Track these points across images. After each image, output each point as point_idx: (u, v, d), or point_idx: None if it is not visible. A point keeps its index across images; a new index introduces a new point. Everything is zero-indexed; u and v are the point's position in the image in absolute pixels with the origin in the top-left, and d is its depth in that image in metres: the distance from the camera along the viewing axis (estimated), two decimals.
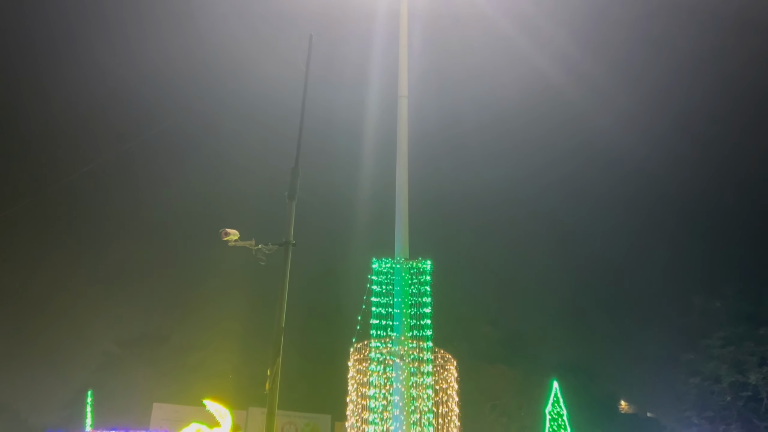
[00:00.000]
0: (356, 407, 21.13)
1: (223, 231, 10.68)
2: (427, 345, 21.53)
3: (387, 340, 21.71)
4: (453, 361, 22.24)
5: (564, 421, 15.29)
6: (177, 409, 32.70)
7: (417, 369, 21.40)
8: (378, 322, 21.65)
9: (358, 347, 21.78)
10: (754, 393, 35.99)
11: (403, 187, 24.03)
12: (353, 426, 20.95)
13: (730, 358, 36.97)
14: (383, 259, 22.77)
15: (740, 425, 36.24)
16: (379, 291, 22.22)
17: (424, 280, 22.31)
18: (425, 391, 21.10)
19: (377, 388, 21.07)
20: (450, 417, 21.23)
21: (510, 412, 39.93)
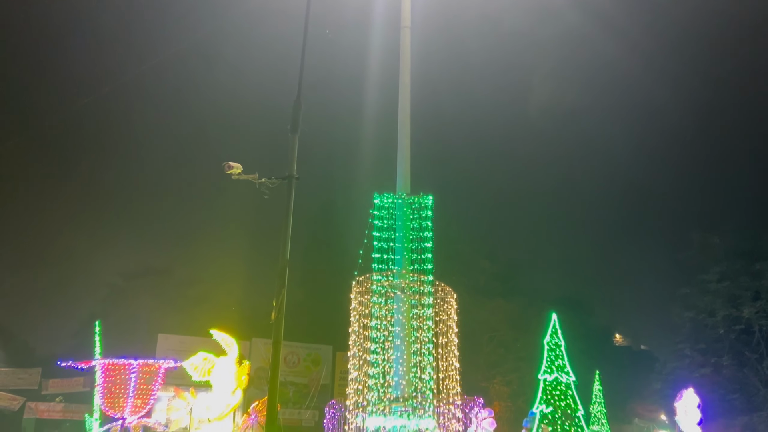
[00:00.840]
0: (358, 338, 21.60)
1: (227, 164, 10.63)
2: (428, 278, 21.82)
3: (388, 274, 21.98)
4: (453, 294, 22.59)
5: (562, 351, 15.67)
6: (182, 339, 33.41)
7: (418, 301, 21.76)
8: (380, 256, 21.86)
9: (360, 280, 22.08)
10: (747, 326, 36.72)
11: (405, 122, 23.82)
12: (355, 356, 21.46)
13: (725, 293, 37.55)
14: (385, 194, 22.80)
15: (731, 357, 37.13)
16: (381, 226, 22.34)
17: (426, 215, 22.39)
18: (425, 322, 21.51)
19: (379, 319, 21.47)
20: (449, 347, 21.73)
21: (507, 344, 40.89)
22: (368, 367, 21.04)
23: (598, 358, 35.25)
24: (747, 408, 35.82)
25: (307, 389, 36.35)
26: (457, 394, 21.29)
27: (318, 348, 38.40)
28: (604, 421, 20.99)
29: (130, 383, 14.30)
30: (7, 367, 34.98)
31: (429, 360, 21.08)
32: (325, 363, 38.00)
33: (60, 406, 32.60)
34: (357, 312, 21.92)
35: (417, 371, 20.99)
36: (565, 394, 15.25)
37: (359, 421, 20.37)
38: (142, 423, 15.71)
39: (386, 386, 20.76)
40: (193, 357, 13.23)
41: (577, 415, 15.22)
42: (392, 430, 19.98)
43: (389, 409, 20.07)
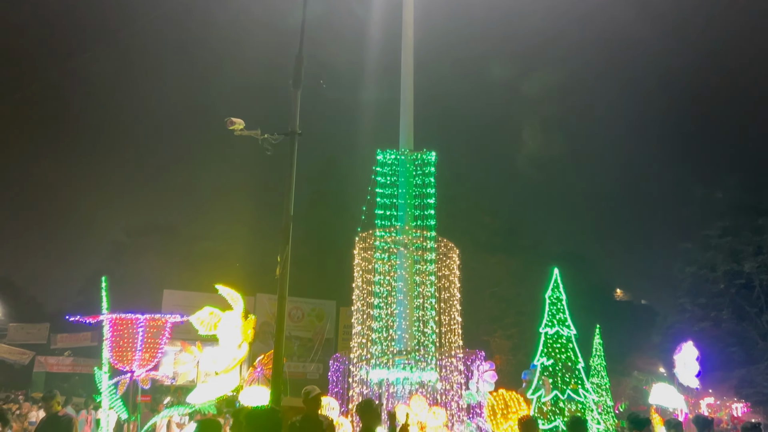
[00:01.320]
0: (361, 293, 21.84)
1: (229, 120, 10.57)
2: (431, 234, 21.93)
3: (391, 230, 22.09)
4: (455, 250, 22.71)
5: (563, 305, 15.82)
6: (187, 295, 33.80)
7: (420, 257, 21.91)
8: (382, 213, 21.92)
9: (363, 236, 22.20)
10: (747, 281, 37.00)
11: (408, 77, 23.56)
12: (358, 310, 21.74)
13: (726, 248, 37.73)
14: (388, 151, 22.73)
15: (731, 311, 37.53)
16: (384, 182, 22.33)
17: (428, 171, 22.36)
18: (428, 278, 21.71)
19: (382, 275, 21.67)
20: (451, 302, 21.97)
21: (508, 299, 41.34)
22: (371, 322, 21.34)
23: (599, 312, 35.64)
24: (745, 360, 36.40)
25: (312, 343, 36.94)
26: (459, 347, 21.62)
27: (322, 303, 38.86)
28: (604, 373, 21.34)
29: (138, 337, 14.51)
30: (17, 322, 35.51)
31: (431, 314, 21.35)
32: (329, 318, 38.50)
33: (69, 360, 33.20)
34: (360, 268, 22.10)
35: (420, 325, 21.29)
36: (565, 347, 15.48)
37: (363, 373, 20.78)
38: (150, 376, 15.99)
39: (389, 340, 21.10)
40: (199, 312, 13.38)
41: (577, 368, 15.47)
42: (395, 382, 20.38)
43: (392, 362, 20.43)
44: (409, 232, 22.01)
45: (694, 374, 19.43)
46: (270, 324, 32.51)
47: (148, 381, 16.15)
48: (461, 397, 20.73)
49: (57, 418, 10.09)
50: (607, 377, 21.70)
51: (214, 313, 13.24)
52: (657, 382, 21.03)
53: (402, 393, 19.75)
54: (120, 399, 14.87)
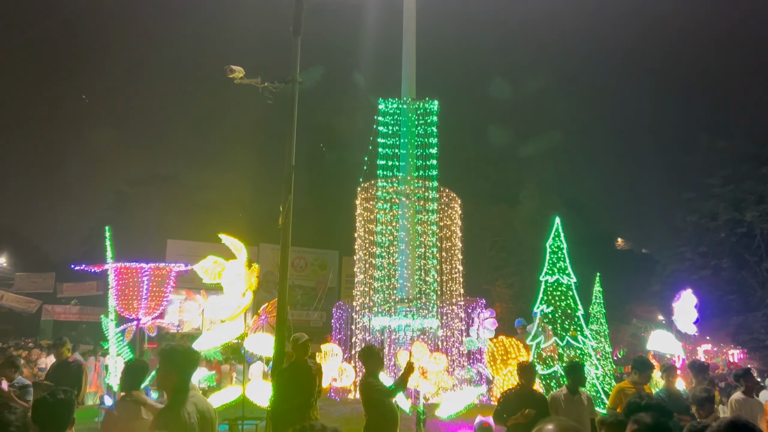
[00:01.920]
0: (364, 243, 22.04)
1: (229, 68, 10.46)
2: (433, 184, 21.97)
3: (393, 180, 22.13)
4: (457, 200, 22.81)
5: (563, 254, 15.94)
6: (190, 245, 34.12)
7: (422, 207, 22.03)
8: (385, 163, 21.93)
9: (365, 187, 22.25)
10: (749, 230, 37.11)
11: (411, 23, 23.18)
12: (361, 259, 21.99)
13: (729, 197, 37.70)
14: (390, 100, 22.55)
15: (731, 260, 37.78)
16: (386, 132, 22.26)
17: (431, 120, 22.25)
18: (430, 227, 21.87)
19: (384, 225, 21.83)
20: (453, 251, 22.19)
21: (510, 248, 41.62)
22: (374, 271, 21.61)
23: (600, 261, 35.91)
24: (743, 308, 36.87)
25: (315, 292, 37.46)
26: (460, 295, 21.95)
27: (324, 253, 39.21)
28: (603, 321, 21.64)
29: (143, 286, 14.73)
30: (22, 272, 35.93)
31: (433, 263, 21.60)
32: (332, 267, 38.92)
33: (75, 309, 33.73)
34: (362, 218, 22.24)
35: (421, 274, 21.57)
36: (565, 294, 15.66)
37: (365, 321, 21.16)
38: (156, 324, 16.27)
39: (391, 288, 21.41)
40: (204, 261, 13.50)
41: (576, 315, 15.70)
42: (397, 329, 20.78)
43: (394, 309, 20.79)
44: (411, 182, 22.05)
45: (692, 321, 19.74)
46: (273, 273, 32.88)
47: (154, 329, 16.43)
48: (462, 344, 21.17)
49: (67, 364, 10.35)
50: (606, 324, 22.02)
51: (218, 262, 13.36)
52: (655, 329, 21.35)
53: (404, 339, 20.16)
54: (127, 346, 15.19)
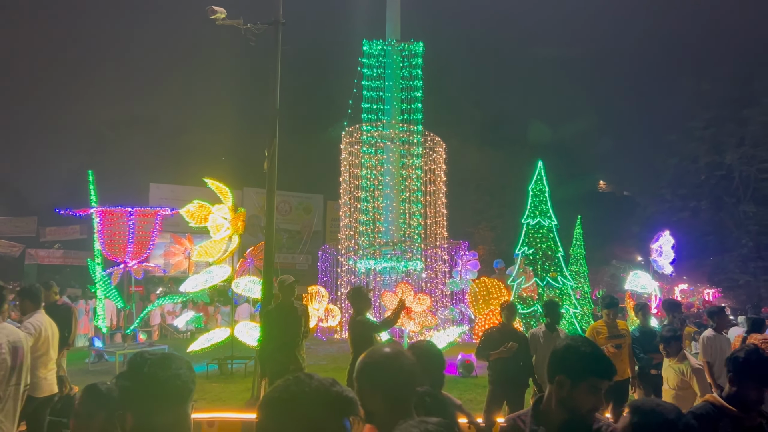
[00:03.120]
0: (348, 187, 22.14)
1: (210, 8, 10.29)
2: (417, 128, 21.94)
3: (378, 124, 22.06)
4: (442, 144, 22.83)
5: (545, 197, 16.15)
6: (173, 188, 33.96)
7: (407, 151, 22.06)
8: (369, 106, 21.81)
9: (350, 131, 22.17)
10: (728, 172, 37.65)
11: None
12: (346, 204, 22.13)
13: (710, 139, 38.07)
14: (374, 41, 22.23)
15: (710, 202, 38.46)
16: (370, 74, 22.04)
17: (416, 63, 22.03)
18: (414, 172, 21.97)
19: (368, 169, 21.89)
20: (437, 195, 22.38)
21: (493, 191, 41.92)
22: (359, 215, 21.80)
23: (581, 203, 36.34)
24: (719, 248, 37.77)
25: (300, 235, 37.69)
26: (443, 238, 22.28)
27: (309, 197, 39.25)
28: (582, 262, 22.08)
29: (129, 230, 14.79)
30: (3, 216, 35.63)
31: (417, 207, 21.81)
32: (317, 211, 39.04)
33: (59, 253, 33.69)
34: (347, 162, 22.26)
35: (406, 218, 21.80)
36: (546, 237, 15.96)
37: (351, 263, 21.47)
38: (142, 267, 16.41)
39: (376, 232, 21.65)
40: (189, 205, 13.56)
41: (557, 257, 16.04)
42: (382, 271, 21.14)
43: (379, 252, 21.08)
44: (396, 126, 22.00)
45: (669, 262, 20.27)
46: (258, 217, 33.00)
47: (140, 272, 16.60)
48: (445, 285, 21.62)
49: (56, 307, 10.46)
50: (585, 266, 22.48)
51: (203, 205, 13.44)
52: (634, 269, 21.90)
53: (389, 281, 20.54)
54: (115, 289, 15.35)
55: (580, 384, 2.57)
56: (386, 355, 2.43)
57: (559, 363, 2.68)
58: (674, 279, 34.34)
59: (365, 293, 7.64)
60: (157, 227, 15.35)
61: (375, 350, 2.49)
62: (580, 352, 2.62)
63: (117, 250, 14.93)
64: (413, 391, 2.42)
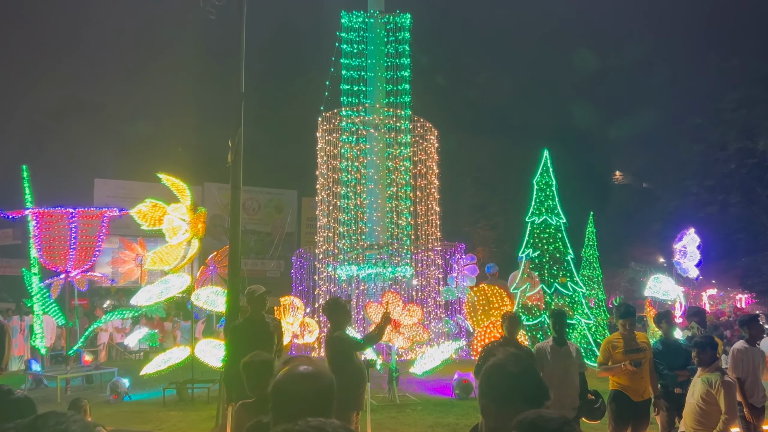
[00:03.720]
0: (326, 182, 22.14)
1: None
2: (405, 113, 21.98)
3: (359, 108, 22.06)
4: (433, 131, 22.90)
5: (552, 191, 16.25)
6: (122, 185, 33.78)
7: (393, 140, 22.09)
8: (349, 88, 21.80)
9: (327, 116, 22.16)
10: (761, 160, 37.84)
11: None
12: (324, 201, 22.12)
13: (740, 123, 38.29)
14: (354, 13, 22.23)
15: (741, 194, 38.68)
16: (350, 51, 22.03)
17: (403, 37, 22.05)
18: (402, 163, 22.01)
19: (349, 160, 21.89)
20: (429, 190, 22.44)
21: (493, 185, 42.09)
22: (339, 213, 21.80)
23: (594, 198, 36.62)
24: (751, 248, 38.05)
25: (271, 238, 37.61)
26: (436, 240, 22.34)
27: (281, 193, 39.19)
28: (596, 265, 22.30)
29: (71, 234, 14.68)
30: None
31: (406, 204, 21.85)
32: (290, 209, 38.97)
33: None
34: (324, 153, 22.25)
35: (393, 216, 21.83)
36: (554, 237, 16.07)
37: (330, 270, 21.46)
38: (87, 277, 16.28)
39: (359, 233, 21.66)
40: (141, 204, 13.51)
41: (566, 259, 16.16)
42: (366, 278, 21.15)
43: (362, 257, 21.09)
44: (380, 111, 22.02)
45: (694, 264, 20.47)
46: (221, 217, 32.90)
47: (84, 283, 16.47)
48: (439, 294, 21.67)
49: None
50: (599, 269, 22.70)
51: (157, 205, 13.39)
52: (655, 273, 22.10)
53: (374, 290, 20.55)
54: (55, 303, 15.24)
55: (506, 412, 2.41)
56: (303, 375, 2.49)
57: (482, 387, 2.60)
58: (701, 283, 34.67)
59: (343, 305, 7.64)
60: (103, 230, 15.25)
61: (293, 368, 2.54)
62: (506, 372, 2.54)
63: (57, 258, 14.81)
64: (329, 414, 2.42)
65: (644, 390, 7.98)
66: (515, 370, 2.53)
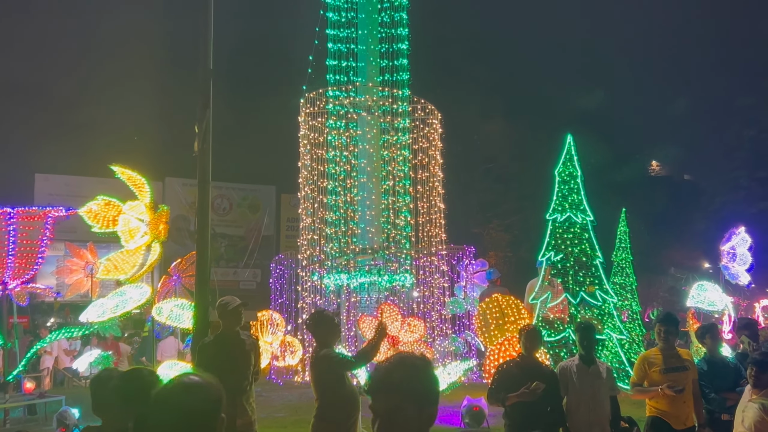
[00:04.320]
0: (310, 175, 22.15)
1: None
2: (403, 93, 22.02)
3: (349, 88, 22.10)
4: (437, 114, 22.94)
5: (577, 183, 16.27)
6: (68, 181, 33.81)
7: (389, 125, 22.12)
8: (336, 64, 21.83)
9: (311, 98, 22.18)
10: None
11: None
12: (307, 198, 22.14)
13: None
14: None
15: None
16: (338, 20, 22.08)
17: (399, 3, 22.11)
18: (400, 152, 22.04)
19: (337, 150, 21.92)
20: (432, 184, 22.47)
21: (508, 178, 42.14)
22: (325, 212, 21.82)
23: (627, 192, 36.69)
24: None
25: (244, 242, 37.63)
26: (441, 243, 22.38)
27: (256, 189, 39.22)
28: (630, 271, 22.36)
29: (8, 238, 14.68)
30: None
31: (405, 201, 21.88)
32: (267, 209, 39.02)
33: None
34: (308, 141, 22.27)
35: (390, 215, 21.86)
36: (579, 237, 16.10)
37: (315, 279, 21.49)
38: (27, 289, 16.29)
39: (349, 235, 21.69)
40: (91, 202, 13.53)
41: (594, 264, 16.21)
42: (359, 288, 21.18)
43: (354, 263, 21.12)
44: (373, 91, 22.06)
45: (745, 269, 20.55)
46: (185, 218, 32.93)
47: (25, 296, 16.46)
48: (444, 306, 21.72)
49: None
50: (633, 276, 22.78)
51: (111, 203, 13.41)
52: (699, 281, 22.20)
53: (367, 303, 20.59)
54: None
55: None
56: (187, 385, 2.67)
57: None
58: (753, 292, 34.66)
59: (331, 318, 7.67)
60: (47, 234, 15.25)
61: (181, 377, 2.75)
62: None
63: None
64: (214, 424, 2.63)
65: (687, 417, 7.98)
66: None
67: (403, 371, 2.69)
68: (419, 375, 2.67)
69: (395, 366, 2.75)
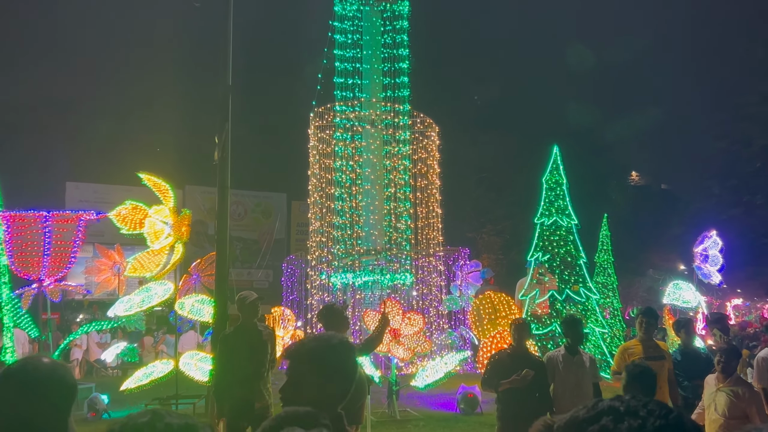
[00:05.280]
0: (319, 183, 22.24)
1: None
2: (404, 108, 22.11)
3: (354, 103, 22.19)
4: (435, 128, 23.03)
5: (563, 191, 16.38)
6: (96, 188, 33.93)
7: (391, 137, 22.21)
8: (343, 81, 21.92)
9: (320, 112, 22.28)
10: None
11: None
12: (316, 204, 22.23)
13: (765, 118, 38.52)
14: (349, 0, 22.37)
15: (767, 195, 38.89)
16: (344, 42, 22.17)
17: (401, 26, 22.20)
18: (401, 162, 22.13)
19: (344, 159, 22.01)
20: (430, 191, 22.56)
21: (500, 186, 42.20)
22: (332, 217, 21.91)
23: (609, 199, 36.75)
24: None
25: (258, 245, 37.67)
26: (438, 245, 22.45)
27: (269, 196, 39.26)
28: (611, 271, 22.40)
29: (44, 239, 14.75)
30: None
31: (405, 206, 21.96)
32: (278, 214, 39.06)
33: None
34: (317, 151, 22.36)
35: (391, 220, 21.94)
36: (565, 239, 16.21)
37: (323, 278, 21.57)
38: (61, 287, 16.36)
39: (354, 238, 21.77)
40: (120, 206, 13.63)
41: (578, 264, 16.30)
42: (363, 286, 21.25)
43: (359, 263, 21.20)
44: (377, 106, 22.16)
45: (716, 269, 20.64)
46: (204, 224, 33.03)
47: (58, 293, 16.53)
48: (441, 303, 21.79)
49: None
50: (614, 276, 22.81)
51: (138, 207, 13.50)
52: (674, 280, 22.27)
53: (371, 299, 20.66)
54: (27, 315, 15.29)
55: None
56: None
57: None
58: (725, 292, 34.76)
59: (340, 311, 7.75)
60: (79, 235, 15.31)
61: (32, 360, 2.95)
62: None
63: (29, 266, 14.87)
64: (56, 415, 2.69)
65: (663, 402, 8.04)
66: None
67: (315, 345, 2.82)
68: (329, 352, 2.77)
69: (312, 340, 2.92)
